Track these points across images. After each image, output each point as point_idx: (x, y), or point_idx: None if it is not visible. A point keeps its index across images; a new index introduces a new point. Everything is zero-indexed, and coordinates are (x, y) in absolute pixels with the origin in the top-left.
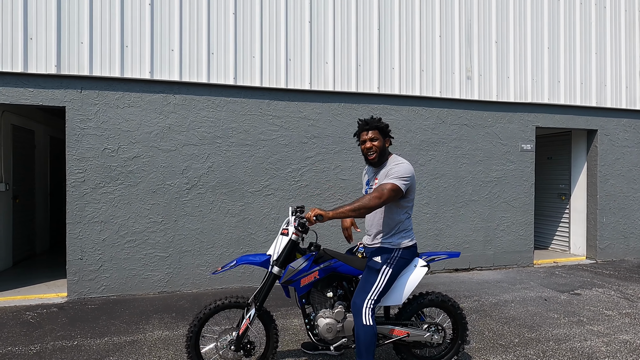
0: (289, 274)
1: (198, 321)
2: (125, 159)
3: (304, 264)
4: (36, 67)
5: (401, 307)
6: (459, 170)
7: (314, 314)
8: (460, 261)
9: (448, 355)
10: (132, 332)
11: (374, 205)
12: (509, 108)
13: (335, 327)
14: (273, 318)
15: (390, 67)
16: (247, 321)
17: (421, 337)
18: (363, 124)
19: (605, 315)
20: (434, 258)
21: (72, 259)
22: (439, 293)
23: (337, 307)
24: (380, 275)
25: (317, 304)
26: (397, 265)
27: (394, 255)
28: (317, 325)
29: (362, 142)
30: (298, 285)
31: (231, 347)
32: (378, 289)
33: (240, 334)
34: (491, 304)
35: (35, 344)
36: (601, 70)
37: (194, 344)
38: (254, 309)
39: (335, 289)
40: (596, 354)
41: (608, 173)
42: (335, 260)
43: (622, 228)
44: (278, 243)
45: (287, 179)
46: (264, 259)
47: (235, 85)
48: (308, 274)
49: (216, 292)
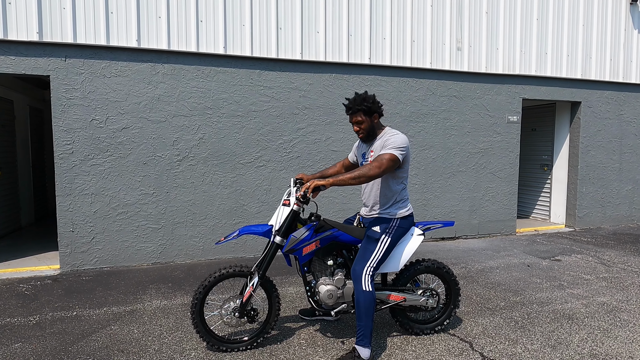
0: (292, 243)
1: (203, 289)
2: (114, 130)
3: (306, 233)
4: (17, 33)
5: (398, 274)
6: (448, 142)
7: (314, 281)
8: (446, 230)
9: (442, 319)
10: (131, 302)
11: (373, 174)
12: (497, 80)
13: (335, 293)
14: (275, 286)
15: (381, 37)
16: (251, 289)
17: (417, 302)
18: (346, 109)
19: (584, 279)
20: (430, 227)
21: (63, 231)
22: (434, 260)
23: (337, 275)
24: (379, 244)
25: (318, 272)
26: (396, 234)
27: (392, 224)
28: (318, 292)
29: (351, 122)
30: (300, 253)
31: (235, 313)
32: (377, 257)
33: (244, 301)
34: (477, 270)
35: (34, 315)
36: (587, 42)
37: (199, 311)
38: (257, 277)
39: (335, 257)
40: (576, 315)
41: (589, 144)
42: (336, 230)
43: (600, 197)
44: (280, 213)
45: (278, 150)
46: (266, 229)
47: (225, 54)
48: (309, 243)
49: (210, 262)
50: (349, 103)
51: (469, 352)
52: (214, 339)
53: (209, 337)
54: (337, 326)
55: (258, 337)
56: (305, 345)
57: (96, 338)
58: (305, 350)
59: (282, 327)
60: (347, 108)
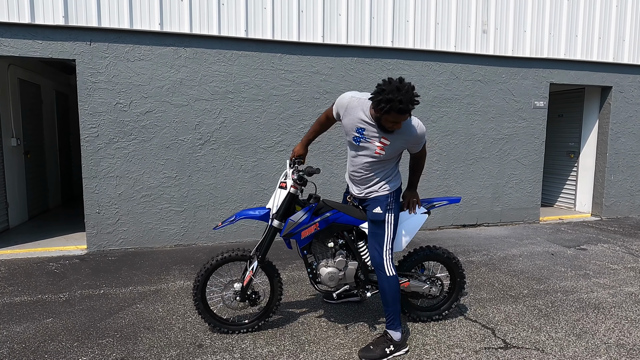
0: (290, 227)
1: (205, 272)
2: (137, 113)
3: (304, 216)
4: (43, 17)
5: (402, 259)
6: (471, 128)
7: (315, 264)
8: (467, 217)
9: (444, 307)
10: (155, 282)
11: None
12: (524, 63)
13: (337, 275)
14: (276, 270)
15: (404, 19)
16: (250, 273)
17: (420, 288)
18: (405, 108)
19: (611, 269)
20: (434, 204)
21: (90, 212)
22: (440, 247)
23: (339, 257)
24: (386, 224)
25: (319, 254)
26: (396, 204)
27: (390, 199)
28: (319, 274)
29: (393, 121)
30: (299, 237)
31: (236, 297)
32: (389, 237)
33: (244, 285)
34: (499, 257)
35: (63, 292)
36: (621, 24)
37: (201, 295)
38: (256, 261)
39: (335, 239)
40: (603, 304)
41: (619, 131)
42: (335, 211)
43: (629, 186)
44: (277, 196)
45: (299, 135)
46: (264, 213)
47: (247, 38)
48: (309, 226)
49: (231, 245)
50: (404, 105)
51: (491, 339)
52: (216, 320)
53: (211, 319)
54: (358, 309)
55: (260, 320)
56: (326, 328)
57: (123, 315)
58: (326, 332)
59: (302, 310)
60: (404, 110)
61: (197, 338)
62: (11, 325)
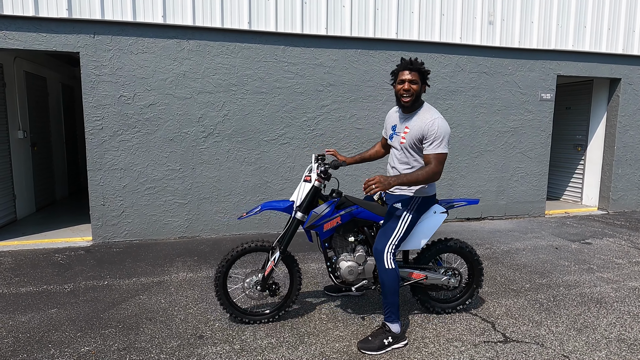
0: (313, 219)
1: (226, 262)
2: (141, 106)
3: (327, 209)
4: (47, 10)
5: (420, 252)
6: (476, 120)
7: (335, 257)
8: (472, 210)
9: (463, 298)
10: (158, 274)
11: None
12: (530, 55)
13: (356, 269)
14: (296, 261)
15: (409, 10)
16: (272, 263)
17: (438, 281)
18: (407, 63)
19: (615, 263)
20: (454, 205)
21: (95, 204)
22: (457, 240)
23: (358, 251)
24: (400, 221)
25: (339, 248)
26: (417, 212)
27: (414, 202)
28: (339, 267)
29: (400, 81)
30: (321, 229)
31: (257, 287)
32: (399, 234)
33: (265, 275)
34: (503, 251)
35: (68, 283)
36: (631, 15)
37: (222, 283)
38: (278, 252)
39: (356, 234)
40: (605, 299)
41: (628, 124)
42: (357, 207)
43: (637, 179)
44: (301, 189)
45: (302, 127)
46: (288, 205)
47: (250, 30)
48: (331, 219)
49: (234, 237)
50: (411, 58)
51: (491, 332)
52: (237, 310)
53: (232, 309)
54: (358, 302)
55: (280, 311)
56: (326, 320)
57: (126, 306)
58: (325, 324)
59: (303, 302)
60: (409, 62)
61: (197, 329)
62: (17, 315)
